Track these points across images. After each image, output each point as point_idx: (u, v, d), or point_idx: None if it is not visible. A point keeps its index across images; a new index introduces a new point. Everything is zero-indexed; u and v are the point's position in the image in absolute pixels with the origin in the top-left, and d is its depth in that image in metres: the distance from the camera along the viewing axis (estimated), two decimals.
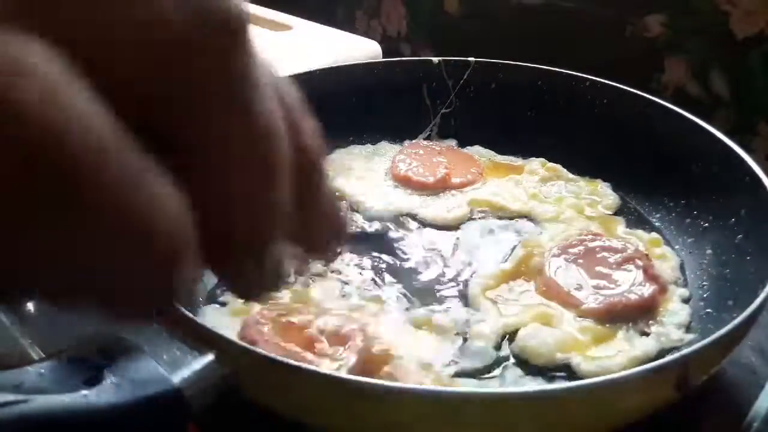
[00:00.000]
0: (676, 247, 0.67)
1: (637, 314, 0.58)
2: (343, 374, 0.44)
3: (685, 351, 0.44)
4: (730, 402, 0.54)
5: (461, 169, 0.78)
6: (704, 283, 0.62)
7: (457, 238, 0.69)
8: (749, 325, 0.48)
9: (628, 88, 0.76)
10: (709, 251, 0.64)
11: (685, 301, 0.60)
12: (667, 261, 0.64)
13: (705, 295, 0.61)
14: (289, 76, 0.27)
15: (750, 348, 0.57)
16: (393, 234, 0.70)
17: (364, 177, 0.77)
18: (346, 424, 0.46)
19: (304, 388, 0.43)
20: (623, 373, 0.43)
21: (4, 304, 0.62)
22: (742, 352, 0.56)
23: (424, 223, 0.71)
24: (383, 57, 0.99)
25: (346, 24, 1.21)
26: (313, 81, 0.80)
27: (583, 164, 0.78)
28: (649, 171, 0.73)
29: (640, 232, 0.69)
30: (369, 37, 1.05)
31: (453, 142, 0.83)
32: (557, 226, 0.69)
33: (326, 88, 0.81)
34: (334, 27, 1.07)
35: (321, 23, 1.07)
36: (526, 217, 0.71)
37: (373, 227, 0.71)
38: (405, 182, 0.76)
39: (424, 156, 0.79)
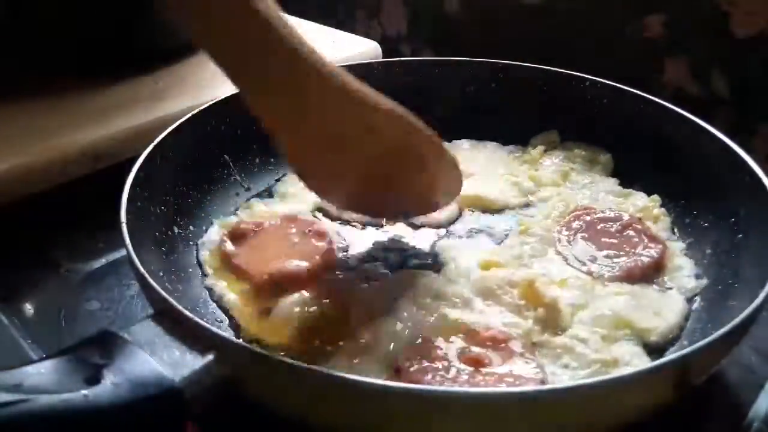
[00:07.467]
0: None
1: (653, 273, 0.62)
2: (342, 373, 0.44)
3: (685, 351, 0.44)
4: (730, 402, 0.54)
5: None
6: (704, 283, 0.62)
7: (449, 236, 0.69)
8: (749, 325, 0.48)
9: (628, 88, 0.76)
10: (709, 251, 0.64)
11: (685, 253, 0.65)
12: (661, 222, 0.69)
13: (705, 295, 0.60)
14: None
15: (750, 348, 0.57)
16: (390, 234, 0.70)
17: None
18: (346, 424, 0.46)
19: (303, 388, 0.43)
20: (623, 373, 0.43)
21: None
22: (742, 352, 0.56)
23: (416, 225, 0.71)
24: (383, 57, 0.99)
25: (346, 24, 1.21)
26: None
27: None
28: (649, 171, 0.73)
29: (637, 194, 0.72)
30: (369, 37, 1.05)
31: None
32: (548, 203, 0.71)
33: None
34: (334, 27, 1.07)
35: (321, 23, 1.07)
36: (517, 207, 0.72)
37: (372, 226, 0.71)
38: None
39: None
